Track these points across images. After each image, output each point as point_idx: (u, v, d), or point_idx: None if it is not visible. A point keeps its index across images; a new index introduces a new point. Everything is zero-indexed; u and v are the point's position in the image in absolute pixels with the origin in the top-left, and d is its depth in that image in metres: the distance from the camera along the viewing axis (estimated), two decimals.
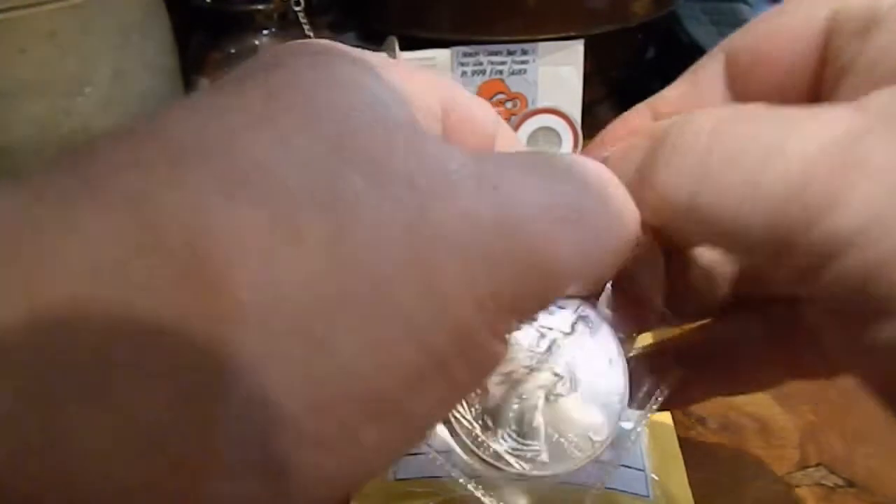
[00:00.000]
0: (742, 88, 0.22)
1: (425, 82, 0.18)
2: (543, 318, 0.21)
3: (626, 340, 0.22)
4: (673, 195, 0.17)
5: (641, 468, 0.37)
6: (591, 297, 0.22)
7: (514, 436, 0.21)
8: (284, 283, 0.12)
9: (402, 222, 0.13)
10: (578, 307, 0.21)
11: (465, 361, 0.14)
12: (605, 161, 0.19)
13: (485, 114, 0.21)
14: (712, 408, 0.42)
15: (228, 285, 0.11)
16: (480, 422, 0.21)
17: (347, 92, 0.14)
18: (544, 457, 0.21)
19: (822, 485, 0.37)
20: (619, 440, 0.22)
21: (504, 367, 0.21)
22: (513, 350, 0.21)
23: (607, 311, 0.22)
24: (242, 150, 0.12)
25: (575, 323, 0.21)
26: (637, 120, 0.23)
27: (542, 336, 0.21)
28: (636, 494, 0.36)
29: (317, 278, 0.12)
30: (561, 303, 0.21)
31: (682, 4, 0.78)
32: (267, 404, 0.12)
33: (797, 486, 0.37)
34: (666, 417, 0.40)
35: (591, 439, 0.21)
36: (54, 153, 0.48)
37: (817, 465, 0.38)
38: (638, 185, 0.19)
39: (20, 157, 0.47)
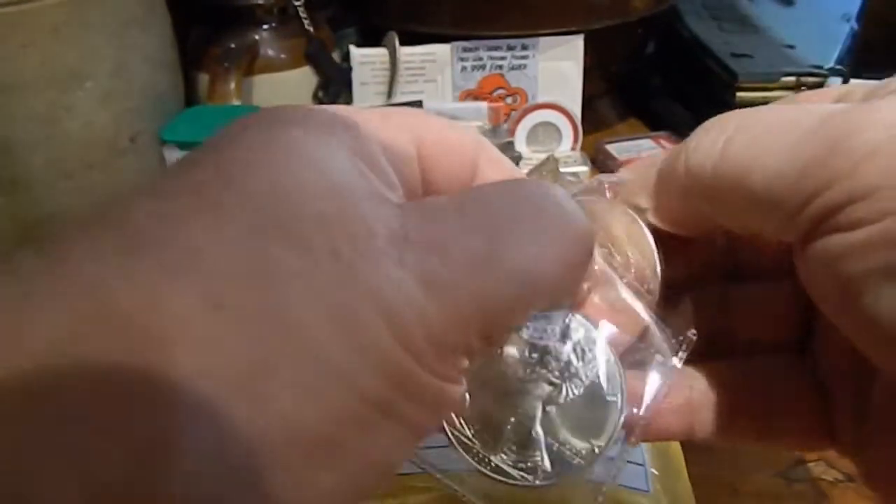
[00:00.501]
0: None
1: (398, 126, 0.19)
2: (533, 329, 0.21)
3: (618, 341, 0.22)
4: (699, 168, 0.19)
5: (641, 463, 0.37)
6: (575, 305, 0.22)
7: (515, 448, 0.21)
8: (219, 351, 0.13)
9: (327, 289, 0.14)
10: (567, 315, 0.21)
11: (415, 403, 0.15)
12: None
13: (461, 140, 0.21)
14: None
15: (170, 355, 0.13)
16: (480, 439, 0.21)
17: (293, 170, 0.16)
18: (546, 465, 0.21)
19: (822, 479, 0.37)
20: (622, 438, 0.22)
21: (498, 383, 0.21)
22: (503, 364, 0.21)
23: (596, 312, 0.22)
24: (185, 238, 0.14)
25: (565, 330, 0.21)
26: None
27: (534, 346, 0.21)
28: (636, 489, 0.36)
29: (249, 343, 0.13)
30: (548, 312, 0.21)
31: None
32: (217, 458, 0.13)
33: (797, 481, 0.38)
34: None
35: (591, 444, 0.21)
36: (54, 147, 0.48)
37: (817, 460, 0.38)
38: (662, 180, 0.21)
39: (21, 151, 0.47)
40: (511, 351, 0.21)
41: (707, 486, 0.36)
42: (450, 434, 0.21)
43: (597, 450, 0.21)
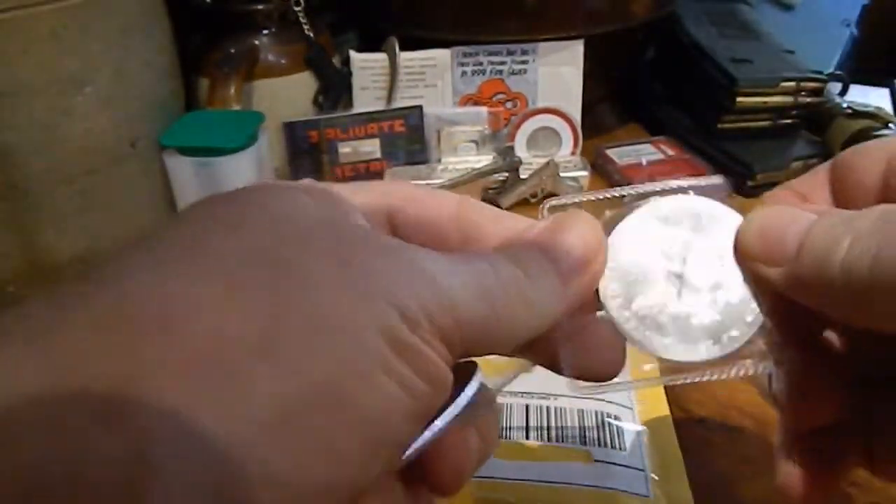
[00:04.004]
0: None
1: (370, 197, 0.21)
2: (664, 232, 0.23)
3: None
4: (852, 268, 0.19)
5: (642, 468, 0.37)
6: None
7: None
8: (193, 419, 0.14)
9: (344, 283, 0.17)
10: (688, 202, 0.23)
11: (411, 368, 0.17)
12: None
13: (438, 202, 0.22)
14: (712, 408, 0.42)
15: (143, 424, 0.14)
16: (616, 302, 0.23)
17: (289, 214, 0.18)
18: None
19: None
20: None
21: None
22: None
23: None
24: (151, 313, 0.15)
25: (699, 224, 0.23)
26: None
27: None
28: (636, 494, 0.36)
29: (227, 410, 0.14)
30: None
31: (682, 5, 0.78)
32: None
33: None
34: (666, 418, 0.40)
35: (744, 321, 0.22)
36: (54, 153, 0.48)
37: None
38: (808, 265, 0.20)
39: (21, 156, 0.47)
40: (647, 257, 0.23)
41: (707, 491, 0.36)
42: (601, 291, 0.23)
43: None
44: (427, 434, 0.18)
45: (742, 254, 0.22)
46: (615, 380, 0.23)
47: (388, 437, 0.16)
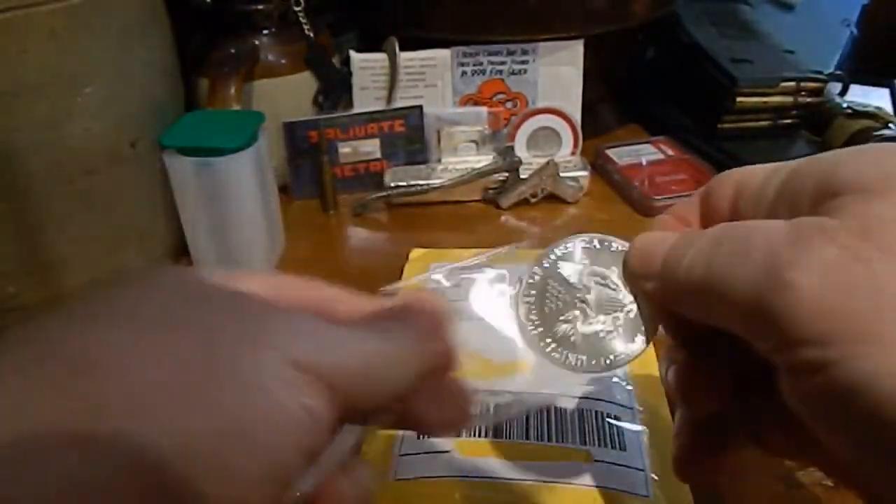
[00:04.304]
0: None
1: (258, 280, 0.23)
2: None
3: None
4: (689, 275, 0.24)
5: (642, 468, 0.37)
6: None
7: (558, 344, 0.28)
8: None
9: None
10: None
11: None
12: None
13: (304, 291, 0.24)
14: None
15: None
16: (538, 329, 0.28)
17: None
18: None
19: (823, 485, 0.37)
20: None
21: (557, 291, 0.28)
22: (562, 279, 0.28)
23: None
24: (73, 356, 0.18)
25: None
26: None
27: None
28: (636, 494, 0.36)
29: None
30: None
31: (682, 5, 0.78)
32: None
33: (798, 487, 0.37)
34: (666, 418, 0.40)
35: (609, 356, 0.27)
36: (54, 153, 0.48)
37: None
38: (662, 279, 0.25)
39: (21, 156, 0.47)
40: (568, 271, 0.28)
41: (707, 490, 0.36)
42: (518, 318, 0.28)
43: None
44: (312, 471, 0.20)
45: (627, 273, 0.27)
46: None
47: (281, 465, 0.18)
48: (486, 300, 0.32)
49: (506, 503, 0.35)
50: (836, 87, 0.73)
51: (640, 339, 0.27)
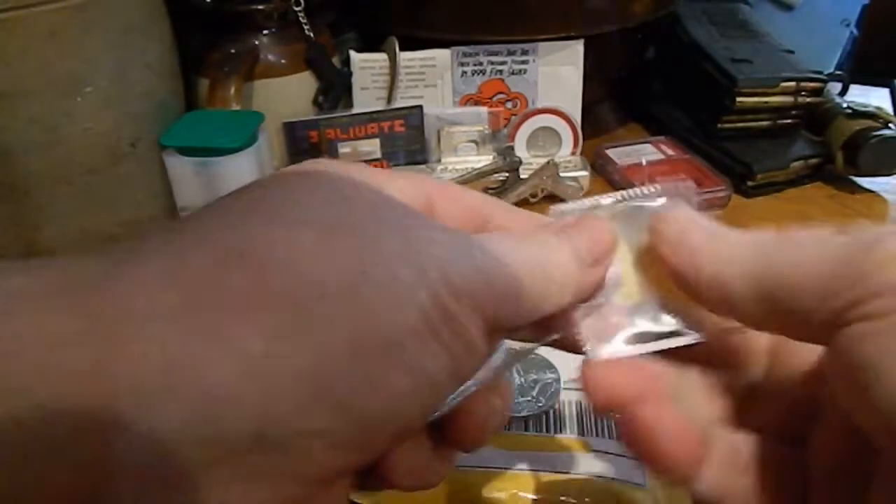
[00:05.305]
0: None
1: (408, 183, 0.23)
2: None
3: None
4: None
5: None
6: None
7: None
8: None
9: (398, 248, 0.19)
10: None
11: (455, 337, 0.19)
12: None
13: (464, 195, 0.25)
14: None
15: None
16: None
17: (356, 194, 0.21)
18: None
19: None
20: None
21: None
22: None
23: None
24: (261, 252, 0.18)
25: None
26: None
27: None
28: (634, 483, 0.36)
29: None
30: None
31: (682, 4, 0.78)
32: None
33: None
34: None
35: None
36: (54, 153, 0.48)
37: None
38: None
39: (21, 156, 0.47)
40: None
41: None
42: None
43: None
44: (459, 392, 0.20)
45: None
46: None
47: (432, 385, 0.19)
48: None
49: (502, 492, 0.35)
50: (836, 87, 0.73)
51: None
